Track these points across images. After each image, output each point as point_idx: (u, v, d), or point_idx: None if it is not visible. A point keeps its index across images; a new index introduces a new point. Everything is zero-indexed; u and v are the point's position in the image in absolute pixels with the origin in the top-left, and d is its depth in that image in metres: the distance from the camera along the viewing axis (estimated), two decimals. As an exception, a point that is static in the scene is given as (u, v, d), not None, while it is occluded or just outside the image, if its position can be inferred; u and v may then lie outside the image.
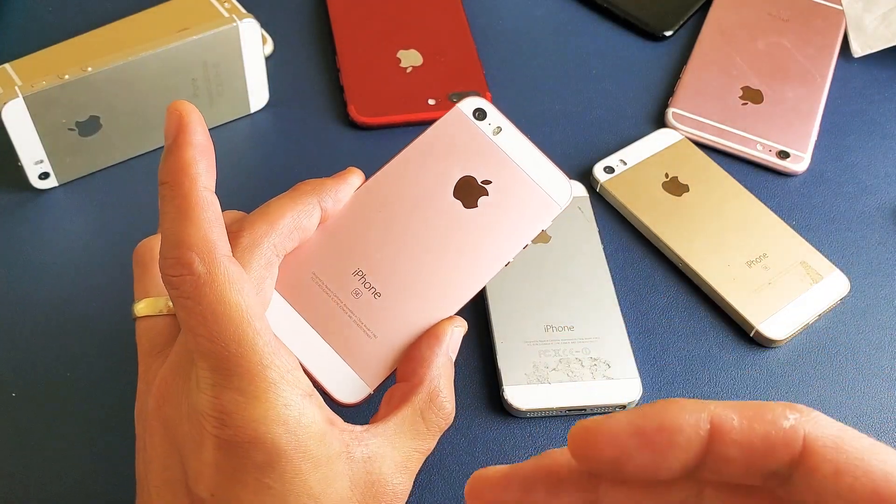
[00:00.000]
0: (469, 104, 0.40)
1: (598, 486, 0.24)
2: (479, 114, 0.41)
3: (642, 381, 0.45)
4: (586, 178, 0.54)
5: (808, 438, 0.22)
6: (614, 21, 0.64)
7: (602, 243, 0.50)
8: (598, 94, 0.59)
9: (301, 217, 0.37)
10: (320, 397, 0.33)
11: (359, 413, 0.37)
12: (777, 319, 0.47)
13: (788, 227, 0.51)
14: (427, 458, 0.42)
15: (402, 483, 0.34)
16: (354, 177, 0.39)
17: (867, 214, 0.54)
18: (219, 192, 0.56)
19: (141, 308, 0.36)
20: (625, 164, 0.54)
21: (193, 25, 0.51)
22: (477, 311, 0.47)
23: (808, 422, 0.22)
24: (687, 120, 0.56)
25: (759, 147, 0.56)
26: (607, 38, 0.63)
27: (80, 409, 0.44)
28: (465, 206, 0.39)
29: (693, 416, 0.23)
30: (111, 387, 0.44)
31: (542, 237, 0.50)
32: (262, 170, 0.54)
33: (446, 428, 0.36)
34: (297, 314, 0.37)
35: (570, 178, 0.54)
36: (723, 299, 0.48)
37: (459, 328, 0.38)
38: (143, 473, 0.33)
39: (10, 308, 0.47)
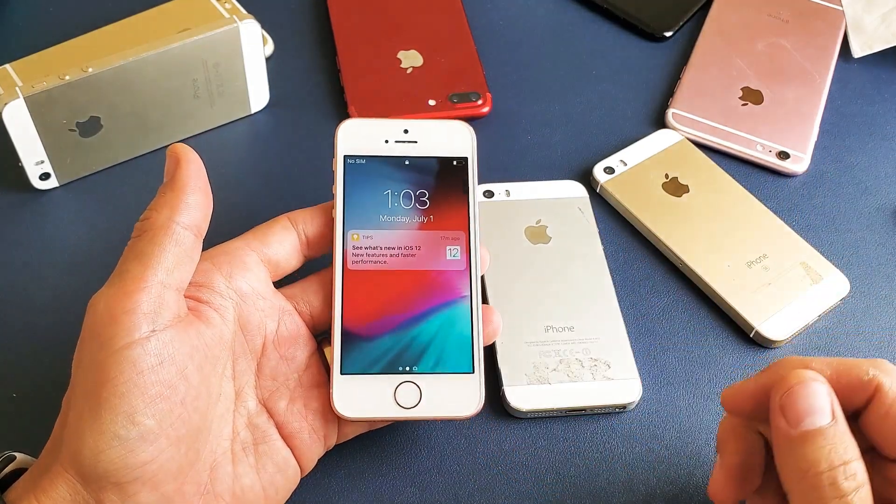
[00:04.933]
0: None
1: None
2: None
3: (642, 382, 0.45)
4: (586, 178, 0.54)
5: (879, 386, 0.32)
6: (614, 21, 0.64)
7: (602, 243, 0.50)
8: (598, 95, 0.59)
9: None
10: None
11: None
12: (777, 320, 0.47)
13: (788, 228, 0.51)
14: (427, 458, 0.43)
15: None
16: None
17: (867, 215, 0.54)
18: (220, 192, 0.56)
19: None
20: (625, 164, 0.54)
21: (194, 26, 0.51)
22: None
23: (884, 374, 0.32)
24: (687, 120, 0.57)
25: (759, 147, 0.56)
26: (607, 39, 0.63)
27: (80, 409, 0.44)
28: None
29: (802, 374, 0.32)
30: (112, 387, 0.44)
31: (542, 237, 0.50)
32: (262, 170, 0.54)
33: None
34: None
35: (571, 178, 0.54)
36: (723, 300, 0.48)
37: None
38: None
39: (11, 308, 0.47)
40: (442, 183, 0.42)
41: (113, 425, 0.32)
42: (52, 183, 0.52)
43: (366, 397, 0.39)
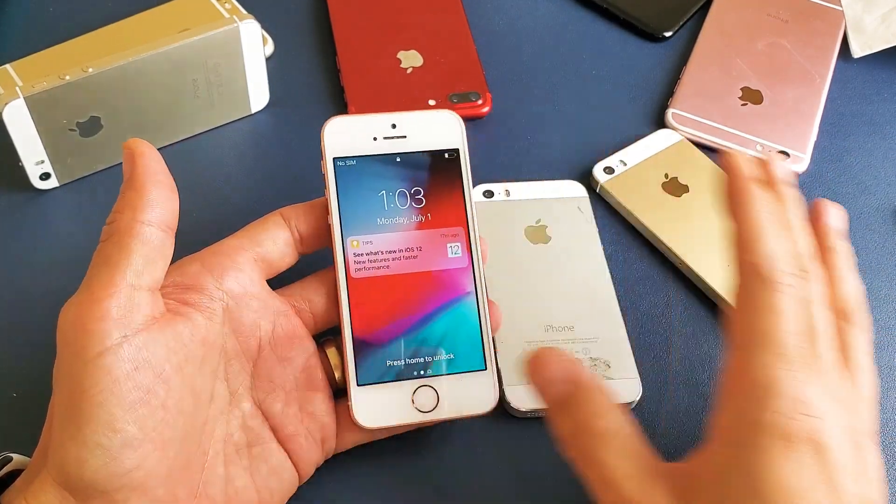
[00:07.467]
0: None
1: None
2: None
3: (642, 381, 0.45)
4: (586, 178, 0.54)
5: None
6: (614, 21, 0.64)
7: (602, 243, 0.50)
8: (598, 95, 0.59)
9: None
10: None
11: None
12: (777, 320, 0.47)
13: (788, 228, 0.51)
14: (427, 458, 0.43)
15: None
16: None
17: (867, 215, 0.54)
18: (219, 192, 0.56)
19: None
20: (625, 164, 0.54)
21: (194, 26, 0.51)
22: (477, 312, 0.48)
23: None
24: (687, 120, 0.57)
25: (758, 147, 0.56)
26: (607, 39, 0.63)
27: (80, 409, 0.43)
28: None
29: None
30: (112, 387, 0.44)
31: (542, 237, 0.50)
32: (262, 170, 0.54)
33: None
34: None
35: (571, 178, 0.54)
36: (722, 299, 0.48)
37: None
38: None
39: (11, 308, 0.47)
40: (436, 178, 0.42)
41: (94, 435, 0.31)
42: (53, 183, 0.52)
43: (384, 406, 0.39)
